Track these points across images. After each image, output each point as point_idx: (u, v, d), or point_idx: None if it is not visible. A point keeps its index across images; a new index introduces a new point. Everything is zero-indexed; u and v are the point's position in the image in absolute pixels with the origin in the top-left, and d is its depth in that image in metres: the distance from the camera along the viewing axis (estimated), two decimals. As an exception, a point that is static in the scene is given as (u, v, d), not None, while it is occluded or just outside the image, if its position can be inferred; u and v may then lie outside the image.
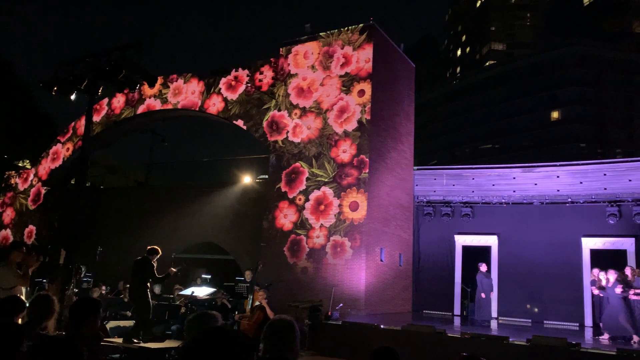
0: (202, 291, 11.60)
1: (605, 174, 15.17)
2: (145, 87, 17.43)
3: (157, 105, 17.80)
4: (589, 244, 15.20)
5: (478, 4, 65.41)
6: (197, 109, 16.97)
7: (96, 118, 18.73)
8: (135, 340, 8.34)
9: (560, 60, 47.18)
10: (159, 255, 9.32)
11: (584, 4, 57.13)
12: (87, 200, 18.34)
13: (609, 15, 51.93)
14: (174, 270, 9.60)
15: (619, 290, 10.98)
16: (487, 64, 59.79)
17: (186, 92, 17.23)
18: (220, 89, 16.58)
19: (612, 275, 11.40)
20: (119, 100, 18.67)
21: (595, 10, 54.39)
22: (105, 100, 18.94)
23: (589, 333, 13.51)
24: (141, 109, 18.10)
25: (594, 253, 15.10)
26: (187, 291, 11.52)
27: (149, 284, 9.16)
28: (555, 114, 48.00)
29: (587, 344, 9.96)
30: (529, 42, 60.11)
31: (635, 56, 47.43)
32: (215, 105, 16.58)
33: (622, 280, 11.12)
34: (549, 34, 57.86)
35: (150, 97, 17.94)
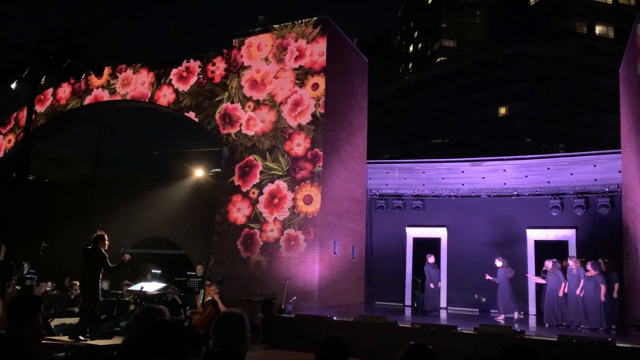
0: (151, 286, 11.35)
1: (548, 168, 15.79)
2: (93, 77, 16.91)
3: (105, 96, 17.27)
4: (534, 235, 15.79)
5: (429, 1, 66.47)
6: (147, 100, 16.57)
7: (40, 109, 18.00)
8: (81, 338, 8.10)
9: (507, 57, 48.63)
10: (106, 240, 8.97)
11: (530, 4, 59.02)
12: (30, 194, 17.63)
13: (553, 15, 53.88)
14: (129, 256, 9.24)
15: (502, 272, 13.07)
16: (438, 60, 60.93)
17: (135, 83, 16.79)
18: (171, 79, 16.24)
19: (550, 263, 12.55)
20: (64, 91, 18.00)
21: (541, 10, 56.29)
22: (50, 90, 18.22)
23: (532, 321, 14.07)
24: (88, 100, 17.51)
25: (538, 244, 15.70)
26: (137, 287, 11.25)
27: (101, 275, 8.84)
28: (502, 110, 49.49)
29: (530, 332, 10.38)
30: (479, 39, 61.61)
31: (578, 55, 49.48)
32: (165, 96, 16.23)
33: (506, 264, 13.19)
34: (497, 32, 59.53)
35: (97, 88, 17.38)
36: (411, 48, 69.74)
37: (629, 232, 13.10)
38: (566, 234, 15.46)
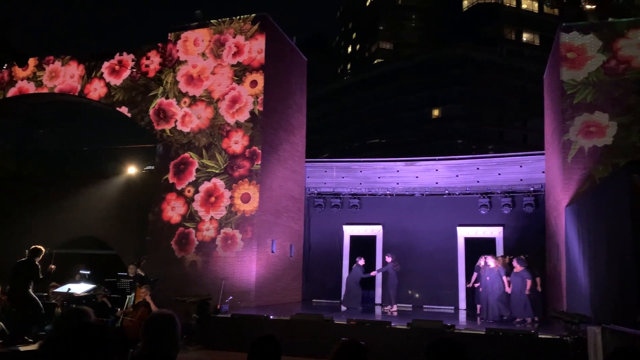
0: (79, 288, 10.90)
1: (478, 168, 16.45)
2: (16, 67, 16.00)
3: (30, 88, 16.37)
4: (463, 232, 16.41)
5: (367, 3, 67.47)
6: (77, 94, 15.86)
7: (-43, 100, 16.81)
8: (28, 339, 7.88)
9: (441, 61, 50.25)
10: (42, 255, 8.95)
11: (463, 10, 61.21)
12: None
13: (485, 21, 56.16)
14: (53, 267, 9.30)
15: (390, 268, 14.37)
16: (376, 62, 62.02)
17: (64, 76, 16.03)
18: (102, 73, 15.63)
19: (491, 261, 12.71)
20: (-16, 82, 16.90)
21: (473, 16, 58.51)
22: (-32, 80, 17.06)
23: (463, 315, 14.62)
24: (12, 92, 16.54)
25: (468, 241, 16.34)
26: (63, 288, 10.77)
27: (31, 285, 8.78)
28: (436, 112, 51.13)
29: (460, 326, 10.79)
30: (415, 42, 63.19)
31: (507, 60, 51.85)
32: (97, 90, 15.60)
33: (394, 259, 14.46)
34: (432, 35, 61.34)
35: (22, 80, 16.45)
36: (349, 49, 70.58)
37: (551, 229, 13.85)
38: (494, 231, 16.17)
